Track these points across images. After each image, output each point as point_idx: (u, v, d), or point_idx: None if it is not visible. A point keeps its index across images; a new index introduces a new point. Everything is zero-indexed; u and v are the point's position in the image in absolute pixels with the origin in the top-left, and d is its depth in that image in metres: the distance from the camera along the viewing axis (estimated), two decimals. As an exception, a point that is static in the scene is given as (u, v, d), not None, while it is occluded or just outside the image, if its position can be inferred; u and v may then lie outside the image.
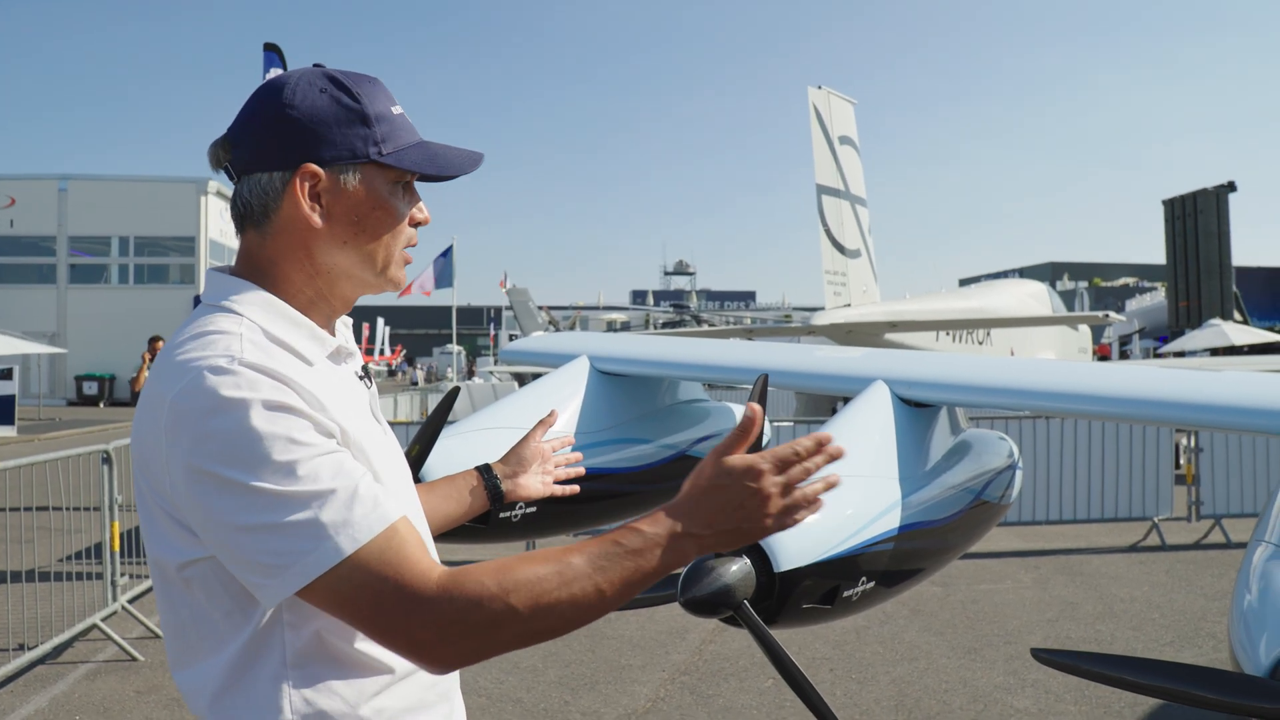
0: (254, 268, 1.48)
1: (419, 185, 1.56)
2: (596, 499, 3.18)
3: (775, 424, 9.57)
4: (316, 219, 1.45)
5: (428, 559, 1.32)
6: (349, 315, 1.62)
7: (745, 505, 1.33)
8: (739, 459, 1.35)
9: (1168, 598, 7.60)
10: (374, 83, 1.52)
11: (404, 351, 72.76)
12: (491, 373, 26.61)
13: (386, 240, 1.50)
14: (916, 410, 2.84)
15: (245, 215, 1.48)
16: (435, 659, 1.30)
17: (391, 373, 66.45)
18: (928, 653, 6.32)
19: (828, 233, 14.74)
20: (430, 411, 2.90)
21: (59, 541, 7.82)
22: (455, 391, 2.84)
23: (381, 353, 72.17)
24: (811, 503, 1.37)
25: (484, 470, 2.05)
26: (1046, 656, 1.77)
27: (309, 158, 1.44)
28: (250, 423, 1.27)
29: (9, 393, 23.37)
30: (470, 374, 41.74)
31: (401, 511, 1.34)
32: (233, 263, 1.53)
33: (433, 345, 73.80)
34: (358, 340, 1.77)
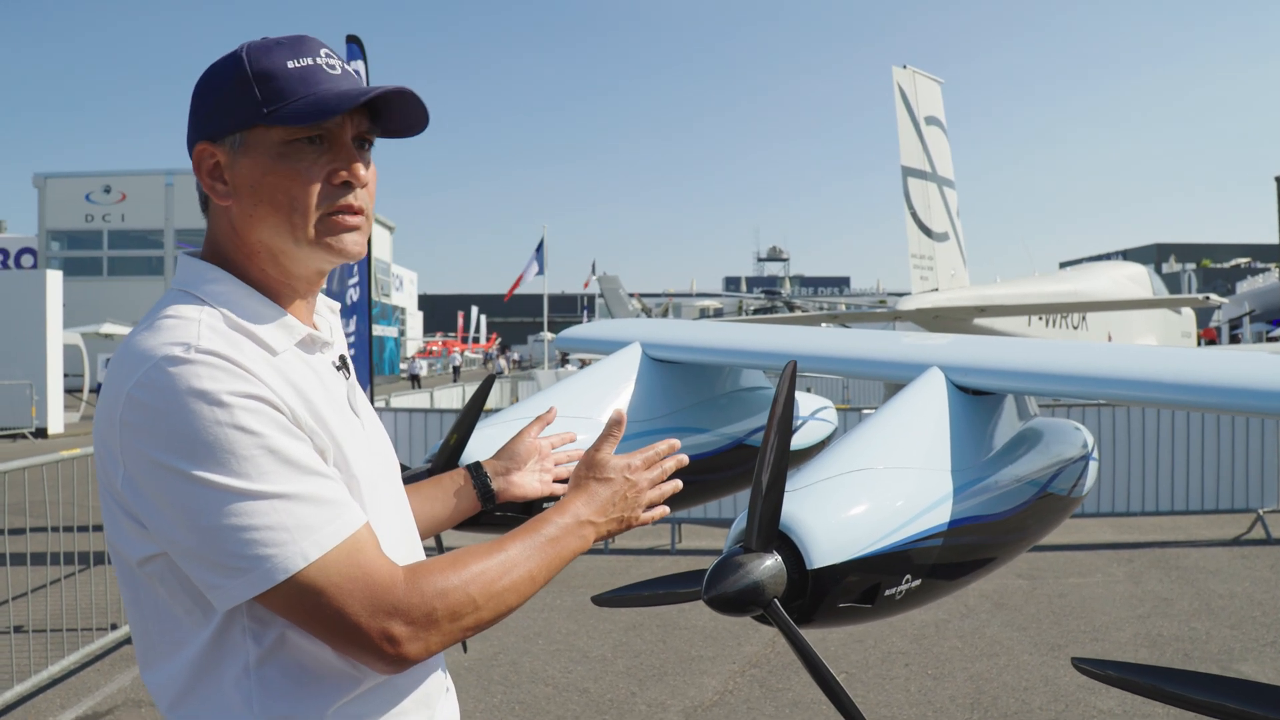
0: (216, 251, 1.43)
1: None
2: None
3: (862, 411, 9.37)
4: (219, 198, 1.39)
5: (388, 560, 1.30)
6: (334, 300, 1.56)
7: (626, 496, 1.61)
8: (619, 459, 1.62)
9: (1271, 595, 7.22)
10: (282, 42, 1.38)
11: (499, 339, 73.76)
12: (583, 360, 26.83)
13: (295, 205, 1.35)
14: (974, 398, 2.70)
15: (200, 200, 1.46)
16: (403, 655, 1.28)
17: (486, 360, 67.40)
18: (1009, 649, 6.10)
19: (913, 215, 14.36)
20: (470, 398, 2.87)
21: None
22: (491, 380, 2.79)
23: (476, 340, 73.32)
24: (666, 496, 1.69)
25: (473, 468, 1.92)
26: (1087, 667, 1.63)
27: (203, 135, 1.39)
28: (213, 415, 1.22)
29: (118, 381, 24.28)
30: (563, 361, 42.15)
31: (364, 517, 1.32)
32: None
33: (527, 333, 74.66)
34: (452, 328, 1.73)
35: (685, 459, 1.74)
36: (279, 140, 1.35)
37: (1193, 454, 9.28)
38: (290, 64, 1.36)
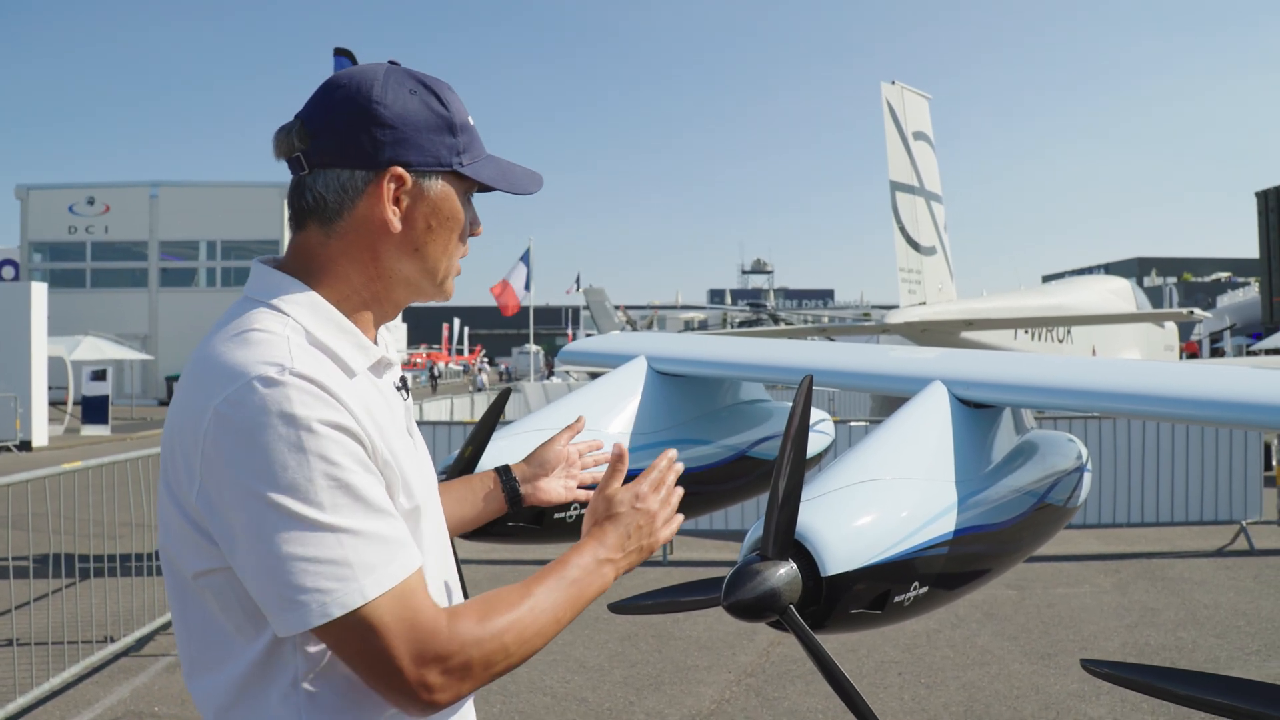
0: (308, 265, 1.43)
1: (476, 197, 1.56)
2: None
3: (849, 424, 9.46)
4: (396, 222, 1.42)
5: (434, 604, 1.32)
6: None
7: (641, 526, 1.59)
8: (626, 491, 1.61)
9: (1255, 605, 7.34)
10: (452, 90, 1.49)
11: (484, 351, 73.47)
12: (568, 372, 26.89)
13: (451, 250, 1.50)
14: (976, 411, 2.78)
15: (313, 210, 1.43)
16: (435, 702, 1.30)
17: (465, 371, 67.03)
18: (1000, 658, 6.19)
19: (901, 230, 14.51)
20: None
21: (145, 536, 8.04)
22: (507, 393, 2.85)
23: (460, 352, 73.01)
24: (676, 508, 1.67)
25: (502, 472, 1.98)
26: (1095, 668, 1.71)
27: (398, 160, 1.41)
28: (300, 442, 1.23)
29: (103, 394, 24.20)
30: (549, 373, 42.22)
31: (420, 559, 1.34)
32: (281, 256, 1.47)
33: (511, 345, 74.44)
34: (436, 340, 1.78)
35: (681, 466, 1.74)
36: (462, 190, 1.50)
37: (1177, 467, 9.42)
38: (470, 119, 1.50)
